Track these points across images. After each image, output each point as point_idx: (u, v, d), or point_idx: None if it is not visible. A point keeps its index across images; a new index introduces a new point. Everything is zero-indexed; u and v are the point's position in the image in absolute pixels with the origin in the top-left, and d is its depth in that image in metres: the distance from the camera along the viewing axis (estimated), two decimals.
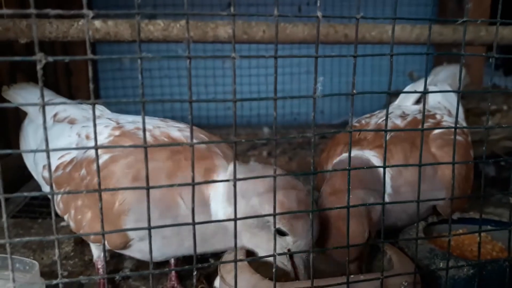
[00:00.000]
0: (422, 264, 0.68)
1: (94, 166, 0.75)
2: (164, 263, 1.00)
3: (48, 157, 0.49)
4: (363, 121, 0.93)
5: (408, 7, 2.31)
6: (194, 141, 0.72)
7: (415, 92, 1.02)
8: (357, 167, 0.60)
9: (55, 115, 0.95)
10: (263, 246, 0.66)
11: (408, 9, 2.32)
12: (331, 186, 0.70)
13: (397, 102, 1.10)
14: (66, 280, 0.53)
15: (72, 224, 0.79)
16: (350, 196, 0.55)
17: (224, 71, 2.33)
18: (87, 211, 0.74)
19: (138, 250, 0.74)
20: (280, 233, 0.64)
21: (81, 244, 1.11)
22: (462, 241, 0.86)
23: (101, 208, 0.50)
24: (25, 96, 1.05)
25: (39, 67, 0.45)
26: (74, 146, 0.84)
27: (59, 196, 0.83)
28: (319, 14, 0.51)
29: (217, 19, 1.45)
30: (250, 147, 1.97)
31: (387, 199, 0.72)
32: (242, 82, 2.31)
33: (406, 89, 1.15)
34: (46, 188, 0.95)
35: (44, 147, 0.89)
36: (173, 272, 0.92)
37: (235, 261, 0.55)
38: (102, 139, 0.78)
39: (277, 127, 2.19)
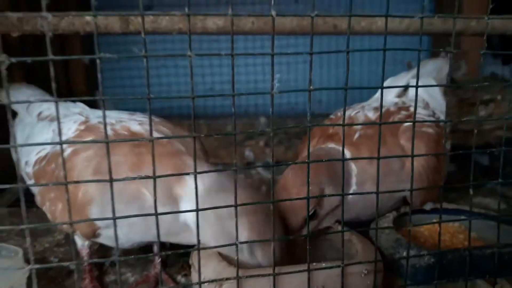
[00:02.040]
0: (387, 253, 0.70)
1: (60, 160, 0.78)
2: (148, 252, 1.04)
3: (17, 152, 0.52)
4: (338, 113, 0.95)
5: None
6: (155, 135, 0.75)
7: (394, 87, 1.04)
8: (316, 160, 0.62)
9: (39, 114, 1.00)
10: (229, 253, 0.68)
11: None
12: (293, 167, 0.73)
13: (376, 95, 1.11)
14: (37, 266, 0.56)
15: (49, 215, 0.83)
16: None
17: (221, 61, 2.34)
18: (58, 203, 0.77)
19: (107, 237, 0.78)
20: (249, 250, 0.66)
21: (73, 232, 1.15)
22: (436, 231, 0.87)
23: (68, 199, 0.53)
24: (17, 96, 1.09)
25: (3, 67, 0.48)
26: (49, 141, 0.88)
27: (37, 189, 0.87)
28: (273, 13, 0.53)
29: (208, 11, 1.47)
30: (246, 137, 1.99)
31: (349, 196, 0.74)
32: (239, 71, 2.33)
33: (386, 82, 1.16)
34: (28, 182, 0.99)
35: (25, 148, 0.93)
36: (156, 260, 0.96)
37: (198, 249, 0.58)
38: (70, 134, 0.82)
39: (274, 117, 2.21)
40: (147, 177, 0.53)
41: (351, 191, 0.74)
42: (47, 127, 0.93)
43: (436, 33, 1.54)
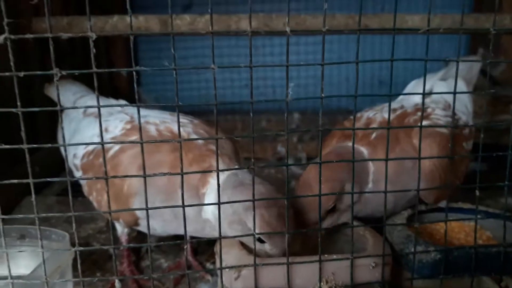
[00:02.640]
0: (397, 248, 0.75)
1: (108, 155, 0.87)
2: (182, 239, 1.13)
3: (65, 150, 0.60)
4: (358, 114, 0.99)
5: None
6: (192, 136, 0.82)
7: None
8: (339, 159, 0.67)
9: (85, 110, 1.09)
10: (247, 242, 0.75)
11: None
12: (314, 170, 0.78)
13: (401, 96, 1.14)
14: (81, 248, 0.65)
15: (95, 204, 0.93)
16: (329, 173, 0.63)
17: (257, 58, 2.39)
18: (104, 194, 0.86)
19: (144, 226, 0.86)
20: (259, 240, 0.72)
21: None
22: (453, 229, 0.91)
23: (108, 192, 0.62)
24: (63, 93, 1.17)
25: (55, 79, 0.56)
26: (96, 137, 0.97)
27: (85, 180, 0.96)
28: (287, 28, 0.59)
29: (242, 12, 1.53)
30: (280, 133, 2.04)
31: (368, 196, 0.79)
32: (274, 68, 2.38)
33: (410, 85, 1.19)
34: (76, 173, 1.09)
35: (74, 138, 1.03)
36: (188, 248, 1.04)
37: (220, 238, 0.65)
38: (117, 132, 0.90)
39: (307, 112, 2.27)
40: (176, 173, 0.60)
41: (368, 189, 0.79)
42: (93, 123, 1.02)
43: (469, 32, 1.54)
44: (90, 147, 0.95)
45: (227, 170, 0.71)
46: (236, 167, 0.78)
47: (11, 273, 0.64)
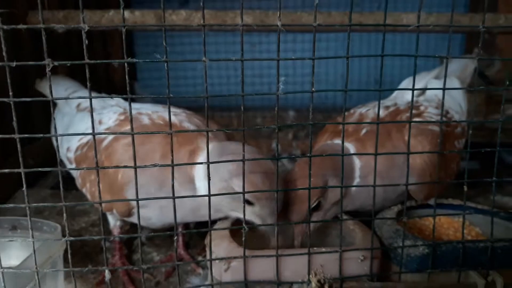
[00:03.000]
0: (387, 243, 0.76)
1: (101, 146, 0.88)
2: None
3: (57, 140, 0.61)
4: (351, 110, 1.00)
5: None
6: (187, 125, 0.83)
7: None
8: (318, 154, 0.68)
9: (78, 105, 1.10)
10: (239, 211, 0.75)
11: None
12: (301, 160, 0.79)
13: (394, 93, 1.15)
14: (72, 238, 0.66)
15: (88, 196, 0.93)
16: (312, 170, 0.64)
17: (253, 54, 2.40)
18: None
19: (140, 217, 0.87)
20: (248, 202, 0.72)
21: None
22: (442, 225, 0.92)
23: (98, 182, 0.62)
24: (55, 88, 1.16)
25: (48, 69, 0.57)
26: (89, 131, 0.97)
27: (78, 172, 0.97)
28: (278, 22, 0.59)
29: (238, 7, 1.54)
30: (274, 130, 2.06)
31: (353, 188, 0.80)
32: (270, 65, 2.39)
33: (404, 82, 1.20)
34: (69, 166, 1.09)
35: (68, 131, 1.04)
36: (180, 241, 1.05)
37: (209, 230, 0.65)
38: (111, 123, 0.91)
39: (302, 110, 2.28)
40: (167, 165, 0.61)
41: (354, 183, 0.80)
42: (87, 117, 1.02)
43: (464, 31, 1.56)
44: (84, 140, 0.96)
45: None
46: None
47: (1, 263, 0.64)
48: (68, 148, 1.01)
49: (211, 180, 0.72)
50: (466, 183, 0.68)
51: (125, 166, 0.63)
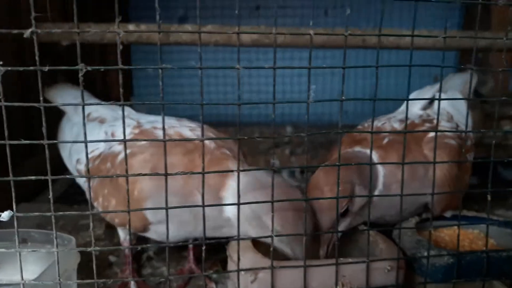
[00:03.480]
0: (409, 253, 0.75)
1: (117, 160, 0.86)
2: (183, 249, 1.11)
3: (86, 146, 0.60)
4: (365, 124, 1.00)
5: (435, 9, 2.33)
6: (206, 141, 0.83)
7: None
8: (347, 163, 0.68)
9: (88, 115, 1.08)
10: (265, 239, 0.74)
11: (435, 12, 2.34)
12: (322, 173, 0.79)
13: (402, 107, 1.16)
14: (98, 248, 0.64)
15: (100, 210, 0.91)
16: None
17: (250, 72, 2.42)
18: (112, 199, 0.85)
19: (155, 232, 0.85)
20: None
21: (111, 228, 1.23)
22: (456, 236, 0.92)
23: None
24: (63, 96, 1.16)
25: (80, 75, 0.56)
26: (101, 143, 0.96)
27: (92, 185, 0.95)
28: (311, 32, 0.60)
29: (242, 24, 1.55)
30: (272, 145, 2.06)
31: (376, 199, 0.79)
32: (267, 82, 2.41)
33: (411, 96, 1.21)
34: (79, 180, 1.07)
35: (76, 144, 1.02)
36: (191, 255, 1.03)
37: (238, 239, 0.64)
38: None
39: (299, 125, 2.29)
40: (197, 172, 0.60)
41: (377, 192, 0.80)
42: (97, 128, 1.01)
43: (464, 49, 1.59)
44: (96, 152, 0.94)
45: (248, 170, 0.71)
46: (254, 167, 0.78)
47: (22, 275, 0.62)
48: (78, 160, 0.99)
49: (242, 212, 0.70)
50: (490, 192, 0.69)
51: (154, 173, 0.62)
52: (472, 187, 1.31)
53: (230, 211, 0.77)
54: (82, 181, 0.99)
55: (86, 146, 0.61)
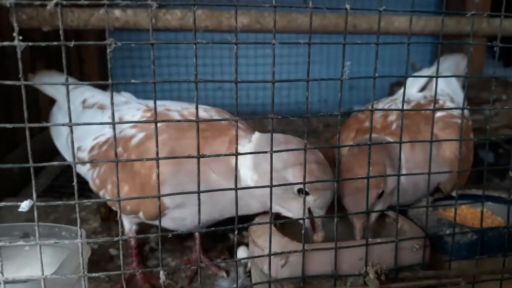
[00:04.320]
0: (430, 232, 0.76)
1: (131, 144, 0.82)
2: (186, 239, 1.08)
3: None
4: (359, 114, 0.99)
5: None
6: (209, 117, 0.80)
7: (420, 76, 1.10)
8: (377, 143, 0.67)
9: (84, 101, 1.02)
10: (287, 206, 0.73)
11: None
12: (352, 152, 0.78)
13: (401, 90, 1.17)
14: (127, 237, 0.60)
15: (108, 198, 0.87)
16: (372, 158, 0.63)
17: (231, 60, 2.39)
18: (124, 185, 0.80)
19: (171, 218, 0.81)
20: (301, 192, 0.69)
21: (107, 220, 1.18)
22: (465, 216, 0.93)
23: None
24: (52, 82, 1.10)
25: (109, 50, 0.52)
26: (107, 129, 0.91)
27: (95, 173, 0.90)
28: (347, 6, 0.58)
29: (232, 9, 1.52)
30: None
31: (402, 178, 0.78)
32: (249, 71, 2.39)
33: (409, 80, 1.22)
34: (80, 168, 1.01)
35: (76, 131, 0.97)
36: (197, 244, 1.00)
37: (270, 222, 0.63)
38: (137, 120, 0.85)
39: (281, 114, 2.26)
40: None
41: (402, 181, 0.77)
42: (100, 114, 0.96)
43: (450, 34, 1.62)
44: (102, 138, 0.90)
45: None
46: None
47: (43, 270, 0.58)
48: (80, 147, 0.94)
49: (259, 170, 0.69)
50: (511, 169, 0.70)
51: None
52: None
53: (247, 176, 0.74)
54: (84, 170, 0.94)
55: (71, 130, 0.56)
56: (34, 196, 0.56)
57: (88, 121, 0.96)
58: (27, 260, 0.84)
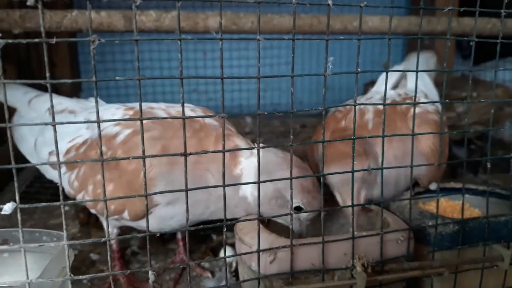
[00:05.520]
0: (413, 224, 0.77)
1: (115, 142, 0.80)
2: (169, 241, 1.07)
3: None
4: (336, 113, 1.00)
5: None
6: (210, 121, 0.81)
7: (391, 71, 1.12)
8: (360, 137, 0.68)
9: (48, 110, 1.00)
10: (281, 218, 0.78)
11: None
12: (332, 147, 0.79)
13: (374, 88, 1.19)
14: (114, 238, 0.59)
15: (88, 199, 0.84)
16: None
17: (205, 62, 2.39)
18: (109, 184, 0.79)
19: (157, 216, 0.79)
20: (297, 208, 0.75)
21: (86, 225, 1.16)
22: (444, 208, 0.96)
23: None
24: (12, 93, 1.05)
25: (92, 47, 0.51)
26: (84, 130, 0.89)
27: (73, 175, 0.87)
28: (330, 2, 0.59)
29: (207, 10, 1.52)
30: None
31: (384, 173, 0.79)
32: (225, 72, 2.38)
33: (379, 78, 1.24)
34: (51, 173, 0.98)
35: (46, 135, 0.94)
36: (181, 246, 0.99)
37: (258, 219, 0.63)
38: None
39: (266, 111, 2.26)
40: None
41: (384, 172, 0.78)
42: (72, 118, 0.94)
43: (421, 33, 1.66)
44: (79, 140, 0.88)
45: (265, 147, 0.70)
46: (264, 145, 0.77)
47: (28, 274, 0.56)
48: (51, 152, 0.91)
49: (262, 188, 0.68)
50: (489, 161, 0.72)
51: (166, 155, 0.58)
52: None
53: (248, 190, 0.75)
54: (56, 174, 0.91)
55: (55, 130, 0.54)
56: (17, 197, 0.54)
57: (64, 126, 0.95)
58: (5, 268, 0.82)
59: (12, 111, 1.11)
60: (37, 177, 1.48)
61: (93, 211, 0.89)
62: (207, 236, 1.10)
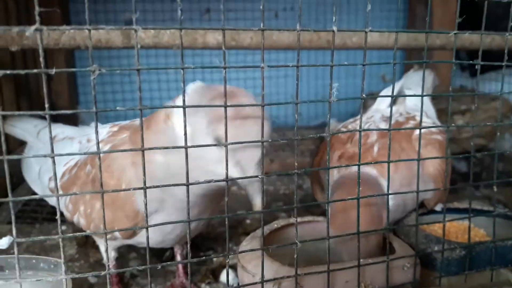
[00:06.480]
0: (419, 249, 0.76)
1: (97, 160, 0.79)
2: (170, 261, 1.05)
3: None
4: (349, 126, 0.99)
5: (380, 12, 2.42)
6: None
7: (387, 96, 1.12)
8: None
9: (54, 137, 1.02)
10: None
11: (380, 14, 2.43)
12: (340, 204, 0.74)
13: (374, 106, 1.17)
14: (113, 270, 0.57)
15: (82, 221, 0.83)
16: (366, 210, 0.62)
17: (212, 75, 2.37)
18: (95, 202, 0.78)
19: (153, 228, 0.76)
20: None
21: (84, 246, 1.14)
22: (448, 229, 0.94)
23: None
24: (24, 126, 1.12)
25: (92, 77, 0.50)
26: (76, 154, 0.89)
27: (68, 199, 0.86)
28: (334, 28, 0.58)
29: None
30: None
31: (391, 205, 0.76)
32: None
33: (381, 93, 1.24)
34: (52, 199, 0.98)
35: (48, 163, 0.94)
36: (180, 269, 0.97)
37: (262, 249, 0.61)
38: (104, 136, 0.83)
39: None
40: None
41: (391, 202, 0.75)
42: (69, 144, 0.97)
43: (421, 48, 1.66)
44: (71, 162, 0.88)
45: None
46: None
47: None
48: (51, 177, 0.91)
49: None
50: (495, 184, 0.71)
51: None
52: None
53: (177, 126, 0.66)
54: (54, 203, 0.91)
55: (53, 162, 0.53)
56: (14, 232, 0.52)
57: (61, 150, 0.94)
58: None
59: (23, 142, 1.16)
60: (34, 194, 1.46)
61: (88, 231, 0.87)
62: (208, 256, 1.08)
